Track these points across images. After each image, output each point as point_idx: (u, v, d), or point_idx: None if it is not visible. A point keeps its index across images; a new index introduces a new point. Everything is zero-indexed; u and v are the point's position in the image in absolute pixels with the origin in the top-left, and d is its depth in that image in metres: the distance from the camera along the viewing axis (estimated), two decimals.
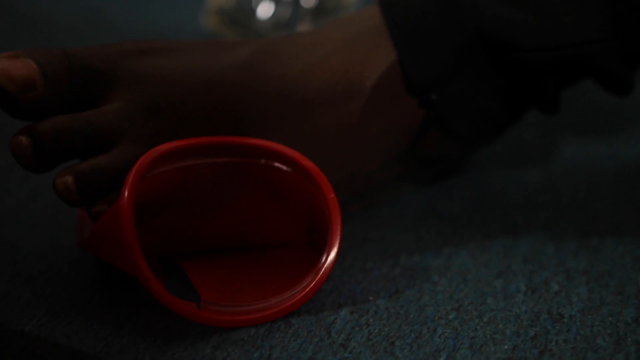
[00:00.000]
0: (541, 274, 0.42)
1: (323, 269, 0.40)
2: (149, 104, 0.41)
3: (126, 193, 0.38)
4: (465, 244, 0.45)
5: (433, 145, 0.46)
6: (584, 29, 0.42)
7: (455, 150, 0.47)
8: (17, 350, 0.39)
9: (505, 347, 0.38)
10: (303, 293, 0.40)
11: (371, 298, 0.41)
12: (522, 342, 0.38)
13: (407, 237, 0.45)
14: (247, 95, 0.42)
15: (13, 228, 0.45)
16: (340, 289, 0.42)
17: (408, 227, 0.46)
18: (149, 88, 0.41)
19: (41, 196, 0.47)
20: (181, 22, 0.76)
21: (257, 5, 0.62)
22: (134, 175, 0.38)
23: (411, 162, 0.47)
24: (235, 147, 0.41)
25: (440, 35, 0.44)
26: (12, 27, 0.74)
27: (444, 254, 0.44)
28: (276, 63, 0.43)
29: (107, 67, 0.41)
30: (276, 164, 0.42)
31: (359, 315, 0.40)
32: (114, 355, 0.37)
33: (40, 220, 0.46)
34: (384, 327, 0.39)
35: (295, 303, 0.40)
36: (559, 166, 0.53)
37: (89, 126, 0.39)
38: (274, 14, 0.62)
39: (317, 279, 0.40)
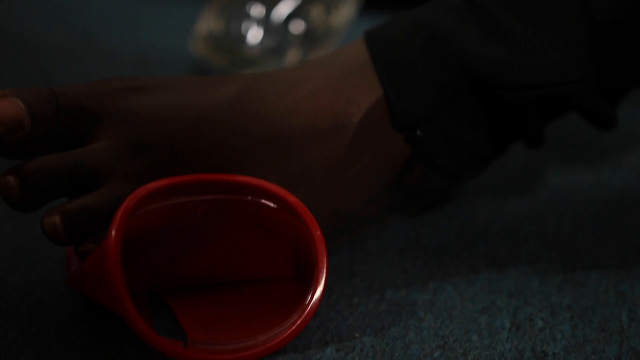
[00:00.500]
0: (526, 310, 0.43)
1: (309, 307, 0.40)
2: (135, 142, 0.41)
3: (113, 233, 0.38)
4: (451, 278, 0.45)
5: (419, 179, 0.47)
6: (567, 68, 0.43)
7: (441, 184, 0.47)
8: None
9: None
10: (289, 331, 0.40)
11: (357, 335, 0.41)
12: None
13: (394, 271, 0.46)
14: (233, 134, 0.42)
15: (0, 262, 0.45)
16: (326, 325, 0.42)
17: (394, 260, 0.47)
18: (136, 126, 0.41)
19: (28, 229, 0.48)
20: (171, 44, 0.76)
21: (246, 31, 0.63)
22: (121, 215, 0.38)
23: (398, 195, 0.47)
24: (222, 185, 0.42)
25: (426, 72, 0.44)
26: (4, 49, 0.74)
27: (430, 289, 0.44)
28: (262, 101, 0.43)
29: (94, 105, 0.41)
30: (263, 201, 0.42)
31: (344, 353, 0.40)
32: None
33: (28, 253, 0.46)
34: None
35: (282, 341, 0.40)
36: (544, 195, 0.54)
37: (77, 165, 0.40)
38: (262, 40, 0.63)
39: (303, 316, 0.40)
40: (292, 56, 0.63)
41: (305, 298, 0.41)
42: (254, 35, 0.63)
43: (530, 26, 0.43)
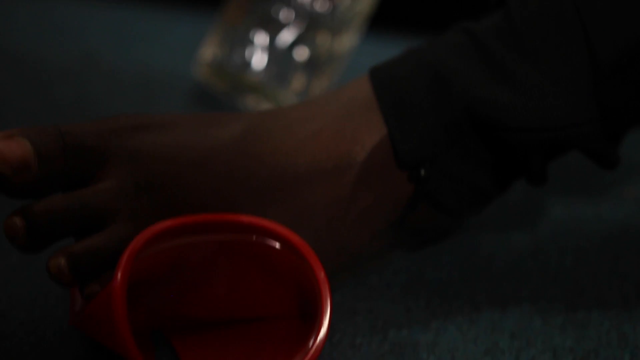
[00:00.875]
0: (528, 352, 0.43)
1: (313, 350, 0.40)
2: (141, 182, 0.41)
3: (119, 277, 0.38)
4: (453, 317, 0.45)
5: (423, 217, 0.47)
6: (571, 112, 0.43)
7: (444, 221, 0.47)
8: None
9: None
10: None
11: None
12: None
13: (396, 309, 0.46)
14: (239, 174, 0.42)
15: (4, 297, 0.45)
16: None
17: (397, 296, 0.47)
18: (141, 166, 0.41)
19: (32, 263, 0.48)
20: (173, 64, 0.76)
21: (249, 57, 0.63)
22: (126, 259, 0.38)
23: (401, 232, 0.47)
24: (227, 225, 0.42)
25: (430, 112, 0.44)
26: (4, 69, 0.74)
27: (433, 329, 0.44)
28: (267, 140, 0.44)
29: (100, 144, 0.41)
30: (267, 241, 0.43)
31: None
32: None
33: (32, 287, 0.46)
34: None
35: None
36: (545, 228, 0.54)
37: (83, 206, 0.40)
38: (266, 67, 0.63)
39: (306, 359, 0.40)
40: (297, 82, 0.63)
41: (309, 339, 0.41)
42: (258, 61, 0.63)
43: (534, 68, 0.43)
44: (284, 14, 0.63)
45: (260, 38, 0.63)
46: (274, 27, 0.63)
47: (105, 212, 0.40)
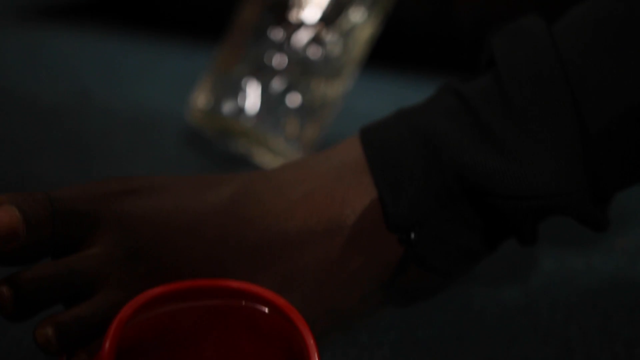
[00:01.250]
0: None
1: None
2: (130, 248, 0.41)
3: (107, 346, 0.38)
4: None
5: (413, 277, 0.47)
6: (560, 180, 0.43)
7: (434, 281, 0.47)
8: None
9: None
10: None
11: None
12: None
13: None
14: (229, 238, 0.42)
15: None
16: None
17: (388, 356, 0.47)
18: (131, 231, 0.41)
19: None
20: (166, 103, 0.76)
21: (242, 104, 0.63)
22: (115, 328, 0.38)
23: (391, 292, 0.47)
24: (216, 290, 0.42)
25: (421, 176, 0.44)
26: (2, 107, 0.74)
27: None
28: (257, 204, 0.44)
29: (89, 210, 0.41)
30: (256, 306, 0.42)
31: None
32: None
33: (18, 348, 0.46)
34: None
35: None
36: (536, 282, 0.54)
37: (71, 274, 0.40)
38: (258, 113, 0.63)
39: None
40: (290, 128, 0.63)
41: None
42: (250, 107, 0.63)
43: (524, 136, 0.43)
44: (277, 61, 0.63)
45: (253, 84, 0.63)
46: (266, 74, 0.63)
47: (94, 278, 0.40)
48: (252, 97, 0.63)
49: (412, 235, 0.45)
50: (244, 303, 0.42)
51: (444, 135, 0.44)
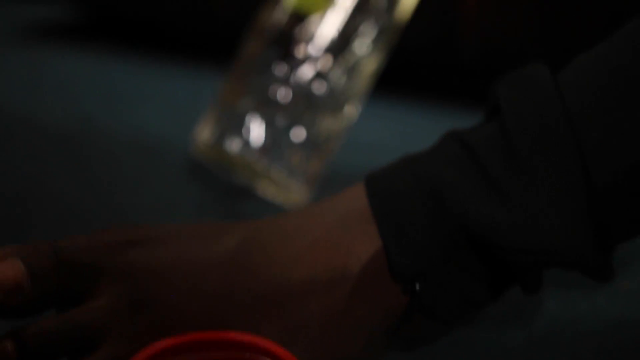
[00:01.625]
0: None
1: None
2: (134, 299, 0.41)
3: None
4: None
5: (417, 325, 0.47)
6: (565, 236, 0.43)
7: (438, 330, 0.47)
8: None
9: None
10: None
11: None
12: None
13: None
14: (234, 290, 0.42)
15: None
16: None
17: None
18: (135, 283, 0.41)
19: None
20: (170, 128, 0.76)
21: (247, 137, 0.63)
22: None
23: (395, 339, 0.47)
24: (220, 343, 0.42)
25: (426, 227, 0.44)
26: (5, 132, 0.74)
27: None
28: (262, 254, 0.43)
29: (94, 261, 0.41)
30: (260, 358, 0.42)
31: None
32: None
33: None
34: None
35: None
36: (540, 325, 0.54)
37: (75, 327, 0.40)
38: (262, 148, 0.63)
39: None
40: (295, 162, 0.63)
41: None
42: (255, 142, 0.63)
43: (530, 189, 0.43)
44: (281, 95, 0.63)
45: (257, 118, 0.63)
46: (271, 108, 0.63)
47: (98, 332, 0.40)
48: (256, 131, 0.63)
49: (417, 286, 0.44)
50: (248, 355, 0.42)
51: (449, 185, 0.44)
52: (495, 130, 0.45)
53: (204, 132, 0.64)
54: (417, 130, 0.76)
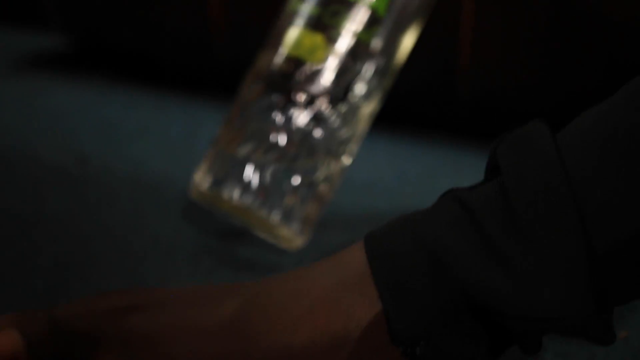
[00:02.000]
0: None
1: None
2: None
3: None
4: None
5: None
6: (566, 303, 0.43)
7: None
8: None
9: None
10: None
11: None
12: None
13: None
14: (233, 357, 0.42)
15: None
16: None
17: None
18: (133, 351, 0.41)
19: None
20: (166, 164, 0.76)
21: (245, 182, 0.62)
22: None
23: None
24: None
25: (426, 292, 0.44)
26: None
27: None
28: (262, 319, 0.43)
29: (91, 329, 0.41)
30: None
31: None
32: None
33: None
34: None
35: None
36: None
37: None
38: (259, 191, 0.62)
39: None
40: (291, 206, 0.62)
41: None
42: (252, 187, 0.62)
43: (530, 255, 0.43)
44: (280, 139, 0.62)
45: (255, 163, 0.62)
46: (269, 152, 0.62)
47: None
48: (254, 177, 0.62)
49: (417, 350, 0.44)
50: None
51: (450, 250, 0.44)
52: (495, 192, 0.45)
53: (201, 178, 0.64)
54: (415, 168, 0.76)
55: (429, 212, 0.46)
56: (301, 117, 0.62)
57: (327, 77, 0.62)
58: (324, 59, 0.62)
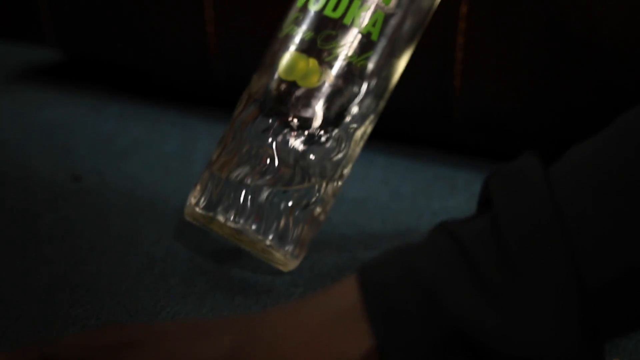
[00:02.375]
0: None
1: None
2: None
3: None
4: None
5: None
6: (558, 341, 0.43)
7: None
8: None
9: None
10: None
11: None
12: None
13: None
14: None
15: None
16: None
17: None
18: None
19: None
20: (161, 182, 0.76)
21: (239, 204, 0.62)
22: None
23: None
24: None
25: (419, 327, 0.44)
26: None
27: None
28: (256, 355, 0.44)
29: None
30: None
31: None
32: None
33: None
34: None
35: None
36: None
37: None
38: (256, 214, 0.62)
39: None
40: (286, 229, 0.63)
41: None
42: (246, 210, 0.62)
43: (522, 292, 0.43)
44: (274, 162, 0.62)
45: (249, 186, 0.62)
46: (263, 176, 0.62)
47: None
48: (247, 199, 0.62)
49: None
50: None
51: (442, 287, 0.44)
52: (487, 227, 0.45)
53: (196, 200, 0.64)
54: (409, 186, 0.76)
55: (421, 246, 0.46)
56: (295, 140, 0.62)
57: (321, 100, 0.62)
58: (317, 83, 0.62)
